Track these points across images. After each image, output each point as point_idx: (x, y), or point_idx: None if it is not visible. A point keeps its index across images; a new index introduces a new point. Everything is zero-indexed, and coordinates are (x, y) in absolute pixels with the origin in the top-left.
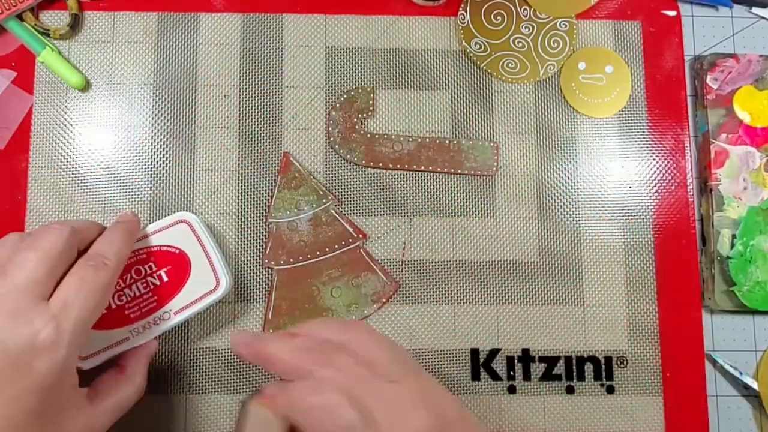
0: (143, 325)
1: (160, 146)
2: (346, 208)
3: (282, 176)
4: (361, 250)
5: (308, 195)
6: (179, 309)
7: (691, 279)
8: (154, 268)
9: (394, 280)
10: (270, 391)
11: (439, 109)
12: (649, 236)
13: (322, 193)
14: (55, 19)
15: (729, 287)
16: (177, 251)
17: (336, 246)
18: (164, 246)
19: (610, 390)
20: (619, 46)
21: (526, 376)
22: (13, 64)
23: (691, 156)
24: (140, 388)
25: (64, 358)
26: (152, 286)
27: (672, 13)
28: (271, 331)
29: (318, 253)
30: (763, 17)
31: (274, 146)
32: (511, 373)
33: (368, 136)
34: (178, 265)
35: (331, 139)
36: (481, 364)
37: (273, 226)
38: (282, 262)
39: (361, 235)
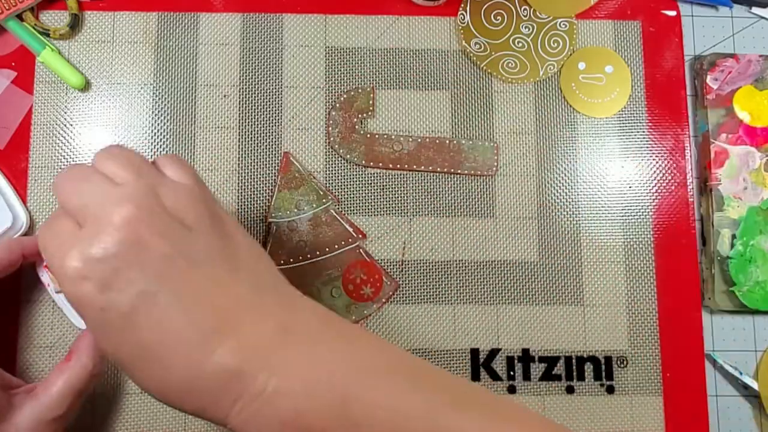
0: None
1: (160, 146)
2: (346, 208)
3: (282, 176)
4: (361, 249)
5: (308, 195)
6: None
7: (691, 279)
8: None
9: (393, 280)
10: None
11: (439, 109)
12: (649, 236)
13: (322, 193)
14: (55, 19)
15: (729, 287)
16: None
17: (336, 246)
18: None
19: (610, 390)
20: (619, 46)
21: (526, 376)
22: (13, 64)
23: (691, 156)
24: (87, 367)
25: None
26: None
27: (672, 13)
28: None
29: (318, 253)
30: (763, 17)
31: (274, 146)
32: (511, 373)
33: (368, 136)
34: None
35: (331, 139)
36: (481, 364)
37: (273, 226)
38: (282, 262)
39: (360, 235)
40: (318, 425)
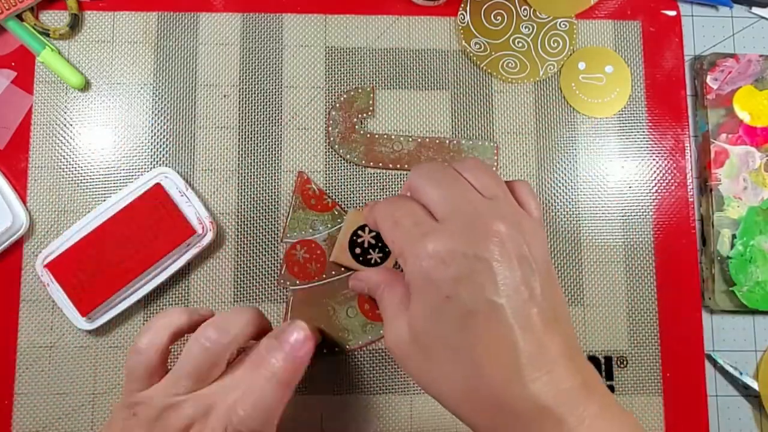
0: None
1: (160, 146)
2: (346, 208)
3: (296, 196)
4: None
5: (323, 215)
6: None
7: (691, 279)
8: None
9: None
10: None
11: (439, 109)
12: (649, 236)
13: (337, 212)
14: (55, 19)
15: (729, 287)
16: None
17: None
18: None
19: (610, 390)
20: (619, 46)
21: None
22: (13, 64)
23: (691, 156)
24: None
25: None
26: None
27: (672, 13)
28: None
29: (333, 272)
30: (763, 17)
31: (274, 146)
32: None
33: (368, 136)
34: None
35: (331, 139)
36: None
37: (288, 247)
38: (297, 282)
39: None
40: None
